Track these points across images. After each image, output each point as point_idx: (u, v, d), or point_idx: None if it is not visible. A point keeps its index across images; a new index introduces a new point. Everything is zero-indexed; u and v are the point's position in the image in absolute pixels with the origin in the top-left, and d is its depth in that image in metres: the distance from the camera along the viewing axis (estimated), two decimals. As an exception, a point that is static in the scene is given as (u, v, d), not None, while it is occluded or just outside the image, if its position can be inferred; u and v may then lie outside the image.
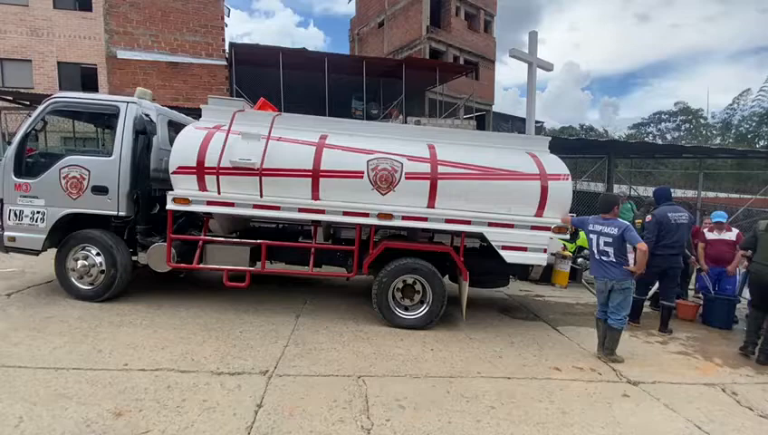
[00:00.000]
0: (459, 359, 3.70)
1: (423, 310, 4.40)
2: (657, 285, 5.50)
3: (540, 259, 4.39)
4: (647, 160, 16.75)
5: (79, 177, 4.36)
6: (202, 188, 4.25)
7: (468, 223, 4.25)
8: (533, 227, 4.33)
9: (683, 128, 34.87)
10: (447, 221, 4.25)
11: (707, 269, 5.74)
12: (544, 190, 4.30)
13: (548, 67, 9.29)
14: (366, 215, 4.26)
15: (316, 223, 4.73)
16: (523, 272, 4.91)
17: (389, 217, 4.25)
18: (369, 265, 4.39)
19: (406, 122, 13.66)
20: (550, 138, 5.00)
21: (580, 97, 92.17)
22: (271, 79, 13.19)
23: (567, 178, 4.46)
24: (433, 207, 4.25)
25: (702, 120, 34.03)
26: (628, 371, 3.70)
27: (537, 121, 14.32)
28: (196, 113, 4.87)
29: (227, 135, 4.21)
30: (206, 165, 4.16)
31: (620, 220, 3.91)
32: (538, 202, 4.32)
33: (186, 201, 4.25)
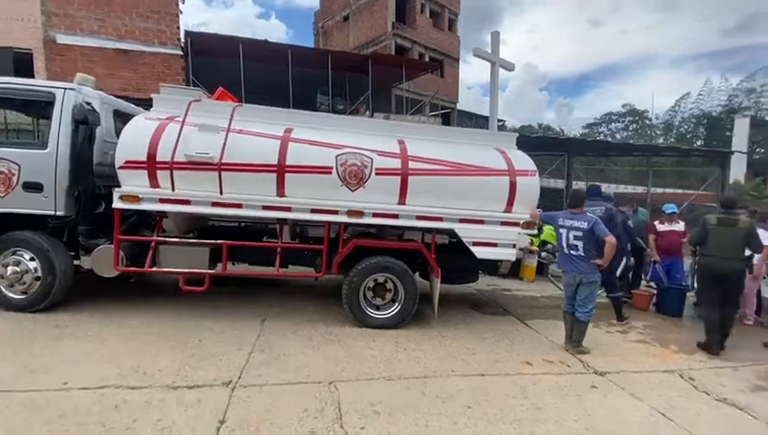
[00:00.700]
0: (433, 358, 3.63)
1: (395, 309, 4.30)
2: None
3: (509, 254, 4.42)
4: (599, 158, 17.70)
5: (6, 172, 3.85)
6: (154, 184, 3.89)
7: (440, 220, 4.19)
8: (503, 223, 4.34)
9: (630, 128, 37.16)
10: (419, 218, 4.17)
11: (660, 260, 6.08)
12: (513, 186, 4.32)
13: (509, 67, 9.49)
14: (335, 212, 4.08)
15: (282, 221, 4.49)
16: (492, 267, 4.94)
17: (360, 214, 4.10)
18: (339, 265, 4.22)
19: (373, 118, 13.51)
20: (517, 134, 5.05)
21: (537, 97, 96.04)
22: (230, 71, 12.56)
23: (534, 175, 4.51)
24: (404, 204, 4.15)
25: (647, 121, 36.45)
26: (595, 361, 3.80)
27: (499, 120, 14.65)
28: (147, 105, 4.46)
29: (182, 126, 3.88)
30: (158, 159, 3.81)
31: (589, 215, 4.01)
32: (507, 198, 4.34)
33: (135, 199, 3.87)
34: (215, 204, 3.97)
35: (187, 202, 3.91)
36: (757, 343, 4.48)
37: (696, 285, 5.18)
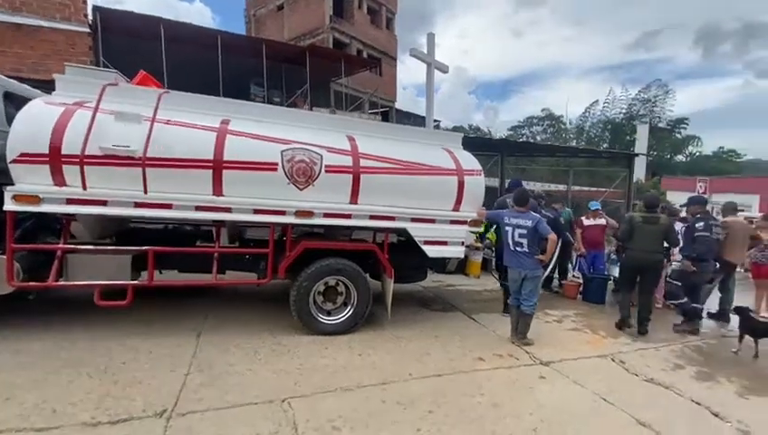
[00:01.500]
0: (389, 362, 3.53)
1: (347, 313, 4.12)
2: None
3: (459, 252, 4.48)
4: (523, 158, 19.13)
5: None
6: (59, 181, 3.26)
7: (393, 219, 4.10)
8: (452, 222, 4.38)
9: (548, 131, 40.65)
10: (372, 217, 4.04)
11: (585, 253, 6.66)
12: (461, 185, 4.38)
13: (444, 69, 9.76)
14: (282, 213, 3.78)
15: (219, 223, 4.07)
16: (441, 265, 5.00)
17: (309, 214, 3.85)
18: (286, 269, 3.93)
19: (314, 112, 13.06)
20: (462, 135, 5.15)
21: (467, 100, 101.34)
22: (150, 54, 11.24)
23: (480, 174, 4.62)
24: (356, 203, 3.98)
25: (563, 126, 40.17)
26: (539, 352, 3.99)
27: (435, 120, 15.11)
28: (48, 88, 3.74)
29: (95, 114, 3.30)
30: (63, 152, 3.20)
31: (533, 213, 4.19)
32: (456, 197, 4.38)
33: (34, 199, 3.21)
34: (138, 205, 3.45)
35: (102, 203, 3.33)
36: (669, 325, 5.07)
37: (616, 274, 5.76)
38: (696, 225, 4.82)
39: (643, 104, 33.18)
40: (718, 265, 5.12)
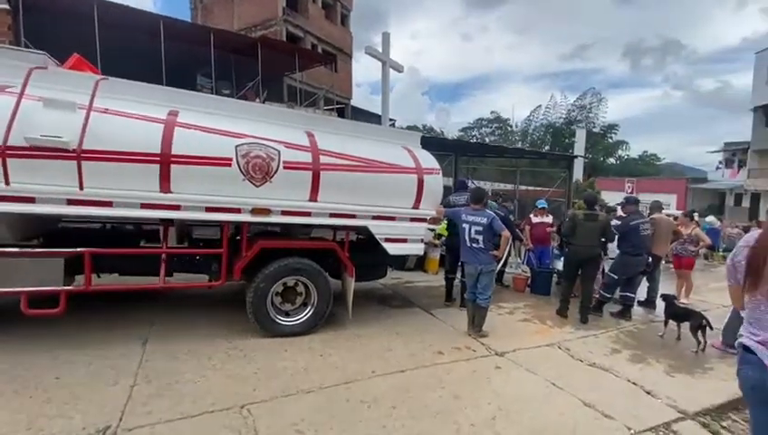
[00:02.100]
0: (351, 361, 3.51)
1: (307, 313, 4.03)
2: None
3: (419, 249, 4.56)
4: (474, 159, 19.94)
5: None
6: (-27, 176, 2.86)
7: (353, 217, 4.06)
8: (412, 219, 4.44)
9: (496, 133, 42.59)
10: (332, 215, 3.97)
11: (533, 248, 7.07)
12: (421, 184, 4.45)
13: (399, 68, 9.87)
14: (237, 211, 3.61)
15: (167, 222, 3.80)
16: (400, 262, 5.05)
17: (266, 212, 3.71)
18: (242, 270, 3.76)
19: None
20: (421, 134, 5.23)
21: (420, 100, 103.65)
22: (81, 38, 10.18)
23: (439, 173, 4.73)
24: (316, 201, 3.90)
25: (509, 128, 42.29)
26: (494, 343, 4.17)
27: (391, 119, 15.23)
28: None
29: (19, 100, 2.93)
30: (-22, 142, 2.80)
31: (488, 211, 4.36)
32: (415, 195, 4.44)
33: (-61, 196, 2.79)
34: (72, 202, 3.12)
35: (30, 200, 2.97)
36: (605, 313, 5.53)
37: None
38: (631, 223, 5.30)
39: (580, 110, 35.80)
40: (651, 259, 5.68)
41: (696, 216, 9.12)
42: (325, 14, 22.06)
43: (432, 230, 6.43)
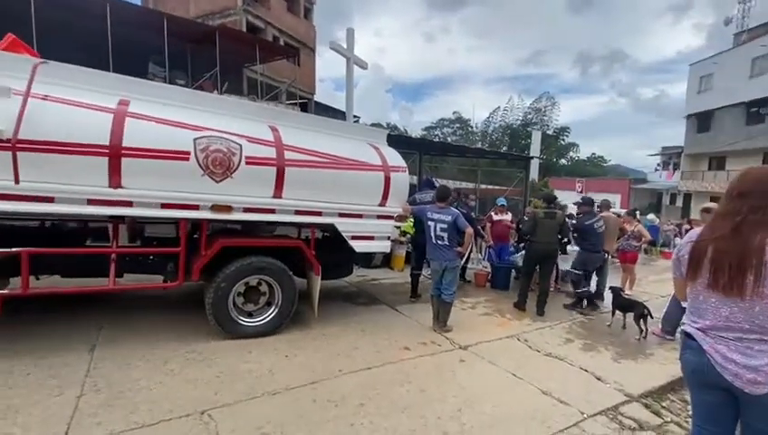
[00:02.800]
0: (318, 360, 3.46)
1: (271, 313, 3.92)
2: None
3: (385, 247, 4.58)
4: (436, 158, 20.36)
5: None
6: None
7: (319, 214, 4.01)
8: (379, 217, 4.45)
9: (458, 133, 43.68)
10: (298, 213, 3.89)
11: (493, 244, 7.32)
12: (387, 181, 4.46)
13: (363, 65, 9.82)
14: (196, 207, 3.44)
15: (117, 219, 3.54)
16: (367, 260, 5.05)
17: (228, 209, 3.56)
18: (201, 270, 3.59)
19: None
20: (387, 131, 5.25)
21: (384, 98, 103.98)
22: (15, 17, 9.23)
23: (405, 171, 4.77)
24: (280, 198, 3.80)
25: (470, 129, 43.52)
26: (458, 337, 4.28)
27: (354, 116, 15.15)
28: None
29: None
30: None
31: (453, 209, 4.46)
32: (382, 192, 4.45)
33: None
34: (6, 197, 2.83)
35: (-48, 195, 2.65)
36: (560, 305, 5.85)
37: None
38: (586, 222, 5.63)
39: (536, 113, 37.57)
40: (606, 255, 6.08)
41: (638, 214, 9.88)
42: (287, 7, 21.49)
43: (398, 228, 6.50)
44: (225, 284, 3.65)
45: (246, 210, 3.65)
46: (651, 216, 13.69)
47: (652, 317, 4.71)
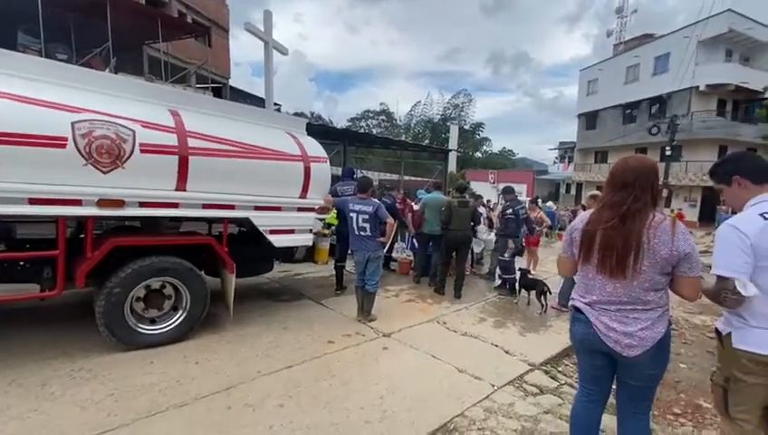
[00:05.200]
0: (234, 364, 3.24)
1: (178, 318, 3.56)
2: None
3: (307, 240, 4.44)
4: (362, 149, 20.46)
5: None
6: None
7: (232, 208, 3.72)
8: (300, 209, 4.30)
9: (382, 125, 44.31)
10: (206, 207, 3.56)
11: (414, 233, 7.57)
12: (308, 172, 4.32)
13: (283, 51, 9.41)
14: (77, 202, 2.96)
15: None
16: (288, 254, 4.86)
17: (119, 204, 3.13)
18: (87, 275, 3.11)
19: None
20: (306, 120, 5.07)
21: (307, 86, 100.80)
22: None
23: (326, 161, 4.66)
24: (185, 190, 3.44)
25: (394, 121, 44.41)
26: (382, 325, 4.35)
27: (276, 103, 14.44)
28: None
29: None
30: None
31: (374, 199, 4.47)
32: (302, 184, 4.30)
33: None
34: None
35: None
36: (474, 287, 6.28)
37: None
38: (507, 211, 6.08)
39: (454, 108, 39.70)
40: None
41: (539, 201, 11.03)
42: (195, -20, 19.51)
43: (322, 220, 6.36)
44: (120, 289, 3.20)
45: (143, 205, 3.24)
46: (550, 203, 15.41)
47: (551, 293, 5.29)
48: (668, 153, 17.41)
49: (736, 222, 1.66)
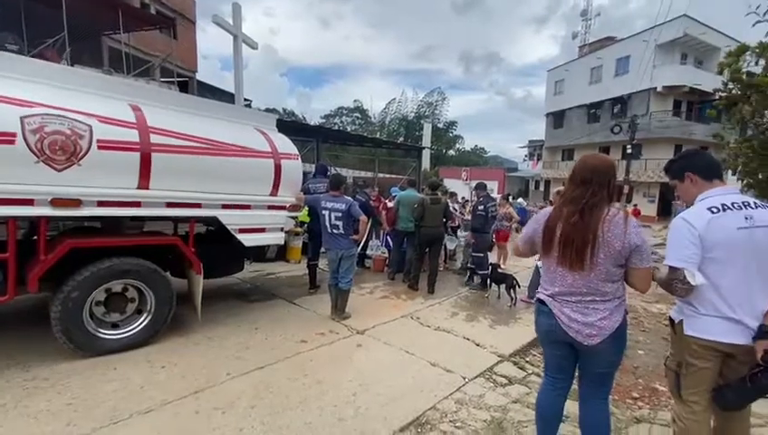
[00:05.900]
0: (201, 367, 3.15)
1: (142, 322, 3.42)
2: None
3: (278, 239, 4.37)
4: (336, 146, 20.31)
5: None
6: None
7: (198, 206, 3.60)
8: (270, 207, 4.22)
9: (357, 122, 44.13)
10: (170, 205, 3.43)
11: (389, 230, 7.60)
12: (278, 169, 4.24)
13: (253, 45, 9.18)
14: (29, 202, 2.79)
15: None
16: (259, 253, 4.76)
17: (76, 203, 2.96)
18: (40, 279, 2.93)
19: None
20: (276, 116, 4.98)
21: (279, 82, 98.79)
22: None
23: (297, 158, 4.59)
24: (147, 188, 3.30)
25: (369, 118, 44.31)
26: (356, 323, 4.35)
27: (246, 99, 14.07)
28: None
29: None
30: None
31: (346, 197, 4.45)
32: (272, 181, 4.22)
33: None
34: None
35: None
36: (447, 283, 6.38)
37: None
38: (479, 207, 6.18)
39: (428, 106, 40.03)
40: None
41: (510, 198, 11.32)
42: (158, -31, 18.67)
43: (294, 218, 6.26)
44: (78, 292, 3.04)
45: (102, 204, 3.08)
46: (520, 199, 15.86)
47: (520, 287, 5.45)
48: (629, 151, 18.31)
49: (687, 215, 1.77)
